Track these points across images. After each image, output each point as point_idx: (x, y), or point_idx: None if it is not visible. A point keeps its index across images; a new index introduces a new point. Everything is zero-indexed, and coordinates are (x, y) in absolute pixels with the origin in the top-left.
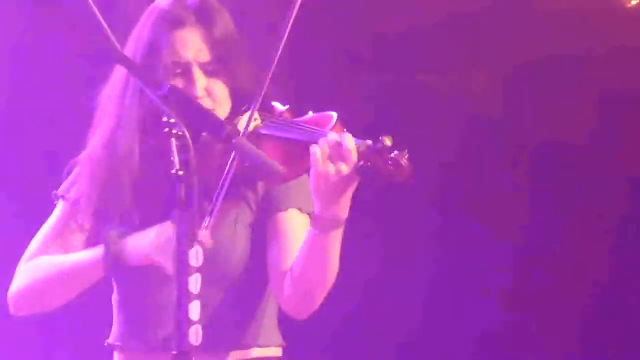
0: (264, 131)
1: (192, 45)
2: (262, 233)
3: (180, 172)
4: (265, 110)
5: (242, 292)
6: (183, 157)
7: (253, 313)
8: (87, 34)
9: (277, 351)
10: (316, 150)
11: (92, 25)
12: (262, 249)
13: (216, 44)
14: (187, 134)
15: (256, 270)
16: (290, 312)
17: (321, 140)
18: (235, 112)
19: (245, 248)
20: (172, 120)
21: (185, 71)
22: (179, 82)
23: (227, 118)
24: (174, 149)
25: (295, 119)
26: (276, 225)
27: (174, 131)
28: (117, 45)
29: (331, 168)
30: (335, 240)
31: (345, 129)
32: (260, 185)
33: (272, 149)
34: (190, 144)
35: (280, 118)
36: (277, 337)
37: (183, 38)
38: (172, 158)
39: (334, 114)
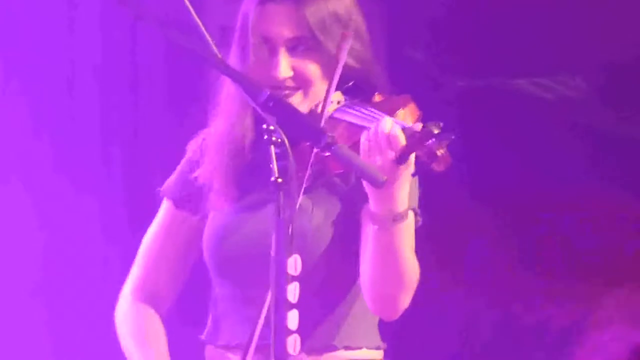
0: (336, 115)
1: (279, 19)
2: (356, 234)
3: (280, 180)
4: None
5: (338, 294)
6: (282, 165)
7: (349, 315)
8: (184, 39)
9: (377, 354)
10: (362, 139)
11: (190, 30)
12: (355, 250)
13: (310, 18)
14: (286, 141)
15: (352, 272)
16: (377, 314)
17: (372, 127)
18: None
19: (342, 251)
20: (272, 127)
21: (271, 49)
22: (264, 62)
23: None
24: (273, 156)
25: (370, 103)
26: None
27: (273, 138)
28: (216, 50)
29: (379, 157)
30: (400, 234)
31: (419, 112)
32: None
33: (340, 134)
34: (289, 152)
35: (356, 101)
36: (376, 339)
37: (270, 11)
38: (271, 165)
39: (408, 97)
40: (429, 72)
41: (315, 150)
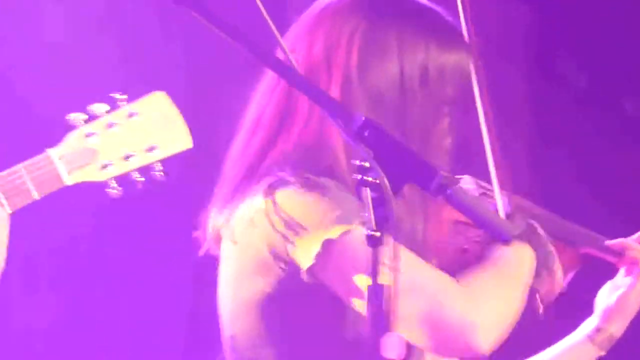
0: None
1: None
2: None
3: (377, 234)
4: None
5: None
6: (381, 214)
7: None
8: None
9: None
10: None
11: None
12: None
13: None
14: (386, 182)
15: None
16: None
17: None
18: None
19: None
20: (367, 164)
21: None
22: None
23: None
24: (370, 202)
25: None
26: None
27: (369, 179)
28: (295, 64)
29: None
30: None
31: None
32: None
33: None
34: (391, 196)
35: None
36: None
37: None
38: (366, 214)
39: None
40: None
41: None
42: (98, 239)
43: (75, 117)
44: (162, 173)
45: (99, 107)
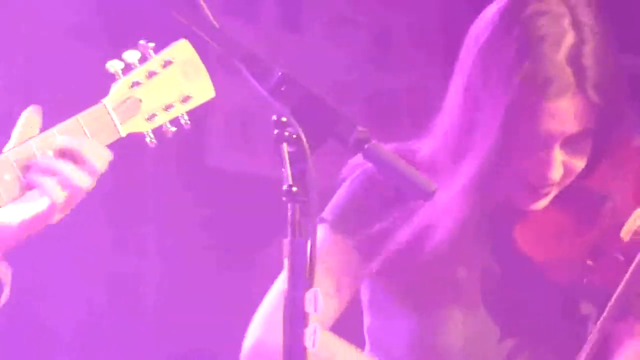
0: None
1: (567, 116)
2: None
3: (295, 189)
4: None
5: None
6: (298, 168)
7: None
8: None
9: None
10: None
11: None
12: None
13: (594, 109)
14: (303, 137)
15: None
16: None
17: None
18: None
19: None
20: (284, 119)
21: (546, 144)
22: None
23: None
24: (286, 157)
25: None
26: None
27: (286, 133)
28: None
29: None
30: None
31: None
32: None
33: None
34: (308, 151)
35: None
36: None
37: (560, 108)
38: (283, 169)
39: None
40: None
41: None
42: None
43: (113, 64)
44: (188, 122)
45: (131, 55)
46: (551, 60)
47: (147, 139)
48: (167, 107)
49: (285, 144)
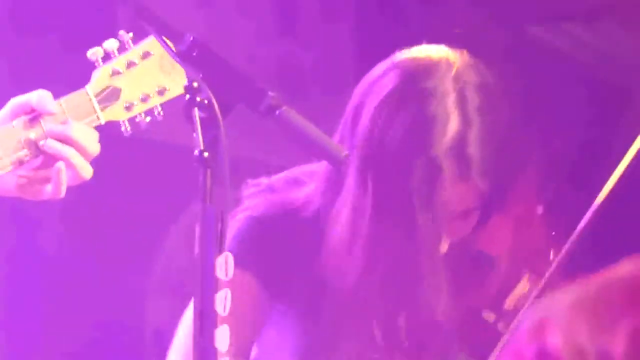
0: None
1: (451, 199)
2: None
3: (206, 154)
4: None
5: None
6: (210, 134)
7: None
8: None
9: None
10: None
11: None
12: None
13: (480, 191)
14: (214, 102)
15: None
16: None
17: None
18: None
19: None
20: (195, 84)
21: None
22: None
23: None
24: (198, 122)
25: None
26: None
27: (197, 99)
28: None
29: None
30: None
31: None
32: None
33: None
34: (220, 117)
35: None
36: None
37: (459, 193)
38: (194, 134)
39: None
40: None
41: None
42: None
43: (95, 52)
44: (161, 113)
45: (110, 44)
46: (438, 150)
47: (122, 128)
48: (145, 98)
49: (196, 109)
